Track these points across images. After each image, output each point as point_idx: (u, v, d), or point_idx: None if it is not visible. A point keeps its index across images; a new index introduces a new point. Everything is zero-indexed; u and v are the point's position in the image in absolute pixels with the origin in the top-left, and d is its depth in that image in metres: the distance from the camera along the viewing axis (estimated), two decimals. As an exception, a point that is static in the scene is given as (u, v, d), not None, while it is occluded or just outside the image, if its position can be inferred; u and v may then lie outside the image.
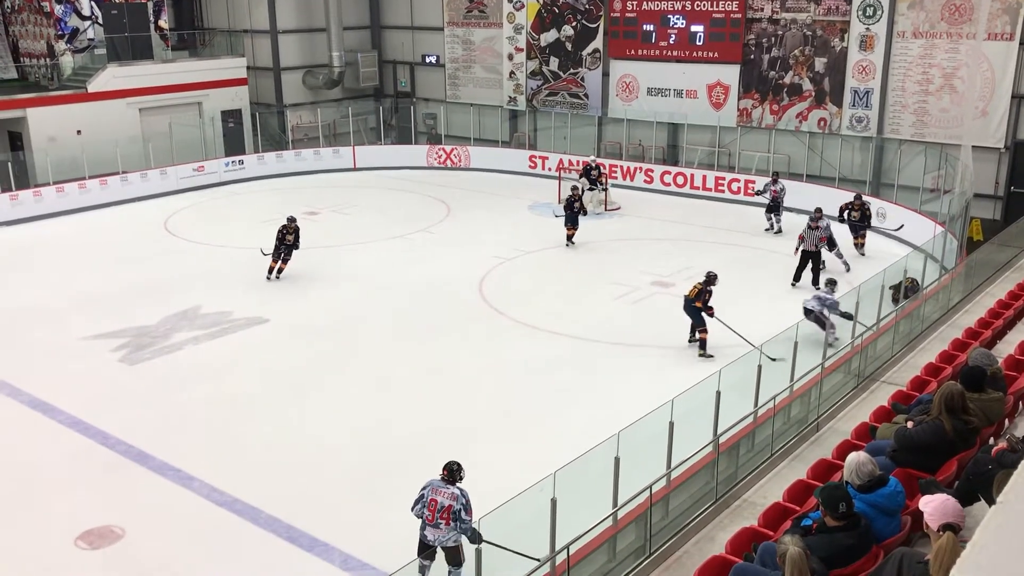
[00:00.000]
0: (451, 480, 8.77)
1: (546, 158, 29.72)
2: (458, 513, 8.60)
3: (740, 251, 21.39)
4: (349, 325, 16.96)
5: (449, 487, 8.72)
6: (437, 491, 8.74)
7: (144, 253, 21.81)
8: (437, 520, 8.68)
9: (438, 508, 8.66)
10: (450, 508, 8.62)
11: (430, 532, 8.77)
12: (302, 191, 28.19)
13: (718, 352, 14.72)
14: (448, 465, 8.85)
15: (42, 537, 10.46)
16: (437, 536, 8.74)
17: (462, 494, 8.69)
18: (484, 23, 32.10)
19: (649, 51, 28.39)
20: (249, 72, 32.49)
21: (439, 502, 8.67)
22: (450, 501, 8.64)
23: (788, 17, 25.53)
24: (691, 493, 9.34)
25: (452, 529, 8.66)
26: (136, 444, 12.44)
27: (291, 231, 19.30)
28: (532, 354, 15.59)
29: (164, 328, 16.77)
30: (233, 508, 10.95)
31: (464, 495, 8.69)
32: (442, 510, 8.64)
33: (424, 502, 8.77)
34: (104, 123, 28.02)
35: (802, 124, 25.91)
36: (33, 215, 24.63)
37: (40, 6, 29.33)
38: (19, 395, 14.08)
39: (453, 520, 8.62)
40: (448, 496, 8.66)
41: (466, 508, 8.63)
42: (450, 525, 8.65)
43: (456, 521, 8.61)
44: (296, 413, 13.45)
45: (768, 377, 10.57)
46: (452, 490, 8.69)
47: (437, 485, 8.78)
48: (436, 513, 8.67)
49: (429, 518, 8.73)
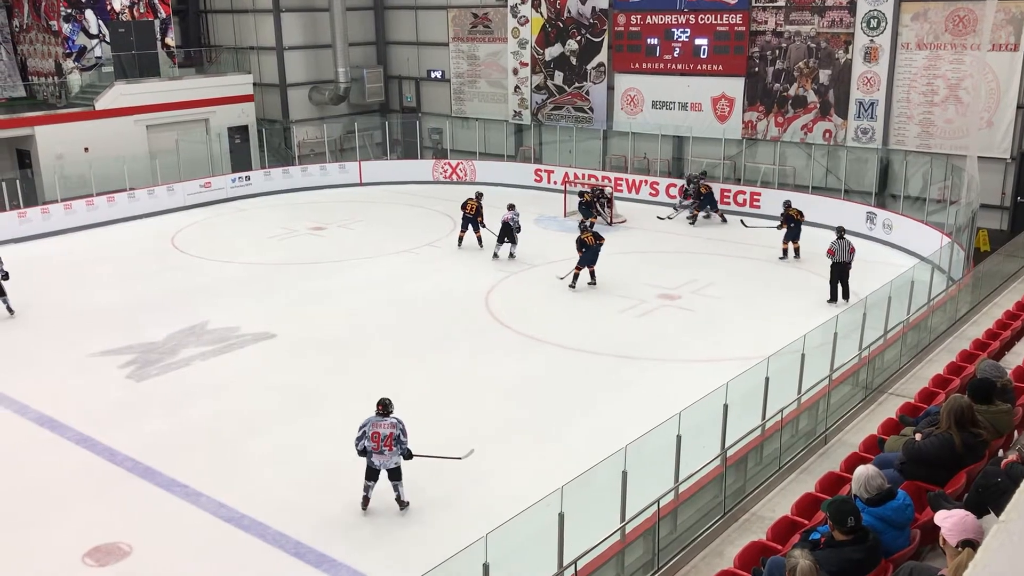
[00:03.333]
0: (386, 413, 10.59)
1: (551, 172, 29.77)
2: (398, 437, 10.50)
3: (746, 263, 21.37)
4: (356, 339, 16.97)
5: (387, 419, 10.56)
6: (378, 424, 10.52)
7: (151, 269, 21.89)
8: (382, 447, 10.51)
9: (382, 438, 10.48)
10: (391, 435, 10.49)
11: (377, 459, 10.60)
12: (309, 206, 28.28)
13: (724, 365, 14.66)
14: (381, 401, 10.67)
15: (50, 554, 10.46)
16: (382, 461, 10.61)
17: (399, 422, 10.61)
18: (489, 38, 32.24)
19: (654, 64, 28.46)
20: (255, 88, 32.67)
21: (381, 433, 10.50)
22: (391, 430, 10.52)
23: (792, 30, 25.58)
24: (699, 507, 9.30)
25: (395, 453, 10.58)
26: (143, 460, 12.45)
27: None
28: (538, 367, 15.58)
29: (171, 344, 16.80)
30: (240, 524, 10.94)
31: (400, 423, 10.63)
32: (385, 438, 10.48)
33: (367, 436, 10.52)
34: (111, 140, 28.17)
35: (807, 136, 25.92)
36: (41, 232, 24.75)
37: (48, 25, 29.56)
38: (27, 412, 14.12)
39: (395, 444, 10.52)
40: (388, 426, 10.52)
41: (403, 432, 10.60)
42: (393, 450, 10.55)
43: (397, 444, 10.51)
44: (303, 428, 13.45)
45: (776, 390, 10.54)
46: (390, 420, 10.56)
47: (376, 420, 10.58)
48: (381, 442, 10.49)
49: (374, 447, 10.51)
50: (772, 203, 25.37)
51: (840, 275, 18.20)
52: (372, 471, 10.70)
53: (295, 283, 20.50)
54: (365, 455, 10.64)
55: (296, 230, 25.33)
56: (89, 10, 29.75)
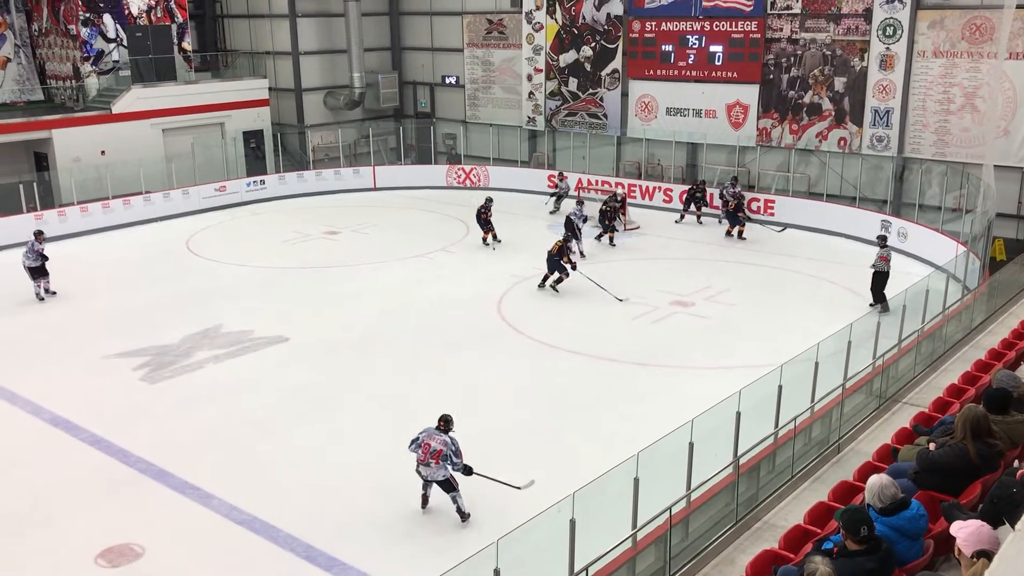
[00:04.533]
0: (444, 430, 10.64)
1: (565, 177, 29.74)
2: (448, 456, 10.49)
3: (759, 270, 21.32)
4: (368, 343, 17.00)
5: (441, 435, 10.58)
6: (431, 437, 10.56)
7: (166, 272, 22.00)
8: (428, 460, 10.53)
9: (431, 451, 10.49)
10: (440, 452, 10.49)
11: (423, 470, 10.64)
12: (323, 211, 28.37)
13: (738, 373, 14.62)
14: (443, 417, 10.73)
15: (63, 555, 10.51)
16: (428, 473, 10.65)
17: (452, 441, 10.60)
18: (503, 44, 32.30)
19: (668, 71, 28.44)
20: (271, 93, 32.83)
21: (432, 446, 10.51)
22: (440, 446, 10.50)
23: (807, 37, 25.52)
24: (711, 515, 9.28)
25: (440, 468, 10.53)
26: (156, 462, 12.50)
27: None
28: (551, 373, 15.57)
29: (185, 347, 16.88)
30: (252, 527, 10.97)
31: (454, 442, 10.61)
32: (434, 453, 10.48)
33: (419, 443, 10.59)
34: (128, 144, 28.36)
35: (822, 144, 25.84)
36: (57, 235, 24.85)
37: (67, 29, 29.80)
38: (41, 412, 14.20)
39: (442, 460, 10.49)
40: (439, 442, 10.51)
41: (456, 453, 10.55)
42: (439, 464, 10.51)
43: (444, 461, 10.50)
44: (316, 431, 13.47)
45: (789, 398, 10.50)
46: (443, 438, 10.56)
47: (432, 432, 10.63)
48: (428, 454, 10.51)
49: (421, 458, 10.57)
50: (786, 210, 25.39)
51: (885, 283, 18.10)
52: (428, 485, 10.94)
53: (308, 287, 20.56)
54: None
55: (310, 234, 25.42)
56: (107, 14, 29.97)
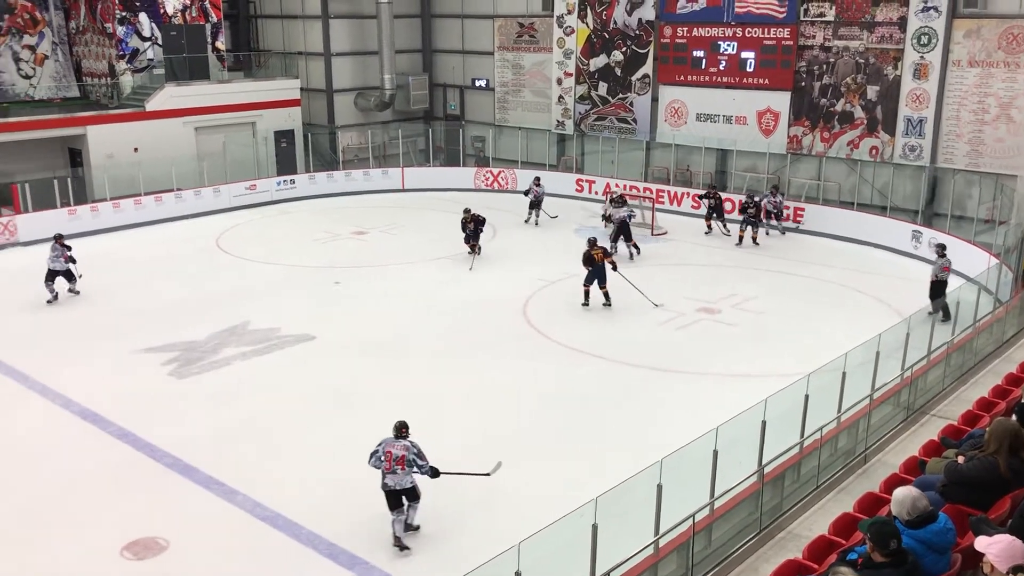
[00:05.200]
0: (401, 436, 10.52)
1: (593, 182, 29.78)
2: (412, 460, 10.41)
3: (787, 278, 21.18)
4: (394, 344, 17.06)
5: (400, 441, 10.49)
6: (392, 445, 10.46)
7: (196, 269, 22.22)
8: (394, 468, 10.41)
9: (394, 458, 10.39)
10: (404, 457, 10.38)
11: (390, 479, 10.46)
12: (351, 211, 28.53)
13: (764, 381, 14.52)
14: (398, 424, 10.60)
15: (90, 546, 10.64)
16: (396, 481, 10.45)
17: (413, 445, 10.51)
18: (534, 48, 32.32)
19: (699, 77, 28.34)
20: (302, 93, 33.04)
21: (394, 453, 10.41)
22: (403, 451, 10.42)
23: (840, 45, 25.33)
24: (734, 523, 9.22)
25: (407, 474, 10.44)
26: (182, 457, 12.62)
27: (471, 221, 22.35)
28: (575, 377, 15.55)
29: (213, 343, 17.03)
30: (275, 523, 11.05)
31: (415, 445, 10.53)
32: (398, 459, 10.38)
33: (380, 456, 10.46)
34: (161, 141, 28.66)
35: (853, 152, 25.63)
36: (90, 230, 25.22)
37: (103, 27, 30.17)
38: (71, 405, 14.38)
39: (407, 466, 10.40)
40: (401, 448, 10.43)
41: (419, 455, 10.49)
42: (405, 470, 10.42)
43: (409, 466, 10.42)
44: (339, 429, 13.54)
45: (815, 407, 10.42)
46: (403, 443, 10.48)
47: (390, 441, 10.51)
48: (393, 462, 10.39)
49: (387, 467, 10.41)
50: (816, 219, 25.20)
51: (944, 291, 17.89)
52: (395, 500, 10.50)
53: (336, 286, 20.67)
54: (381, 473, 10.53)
55: (338, 234, 25.56)
56: (143, 13, 30.31)
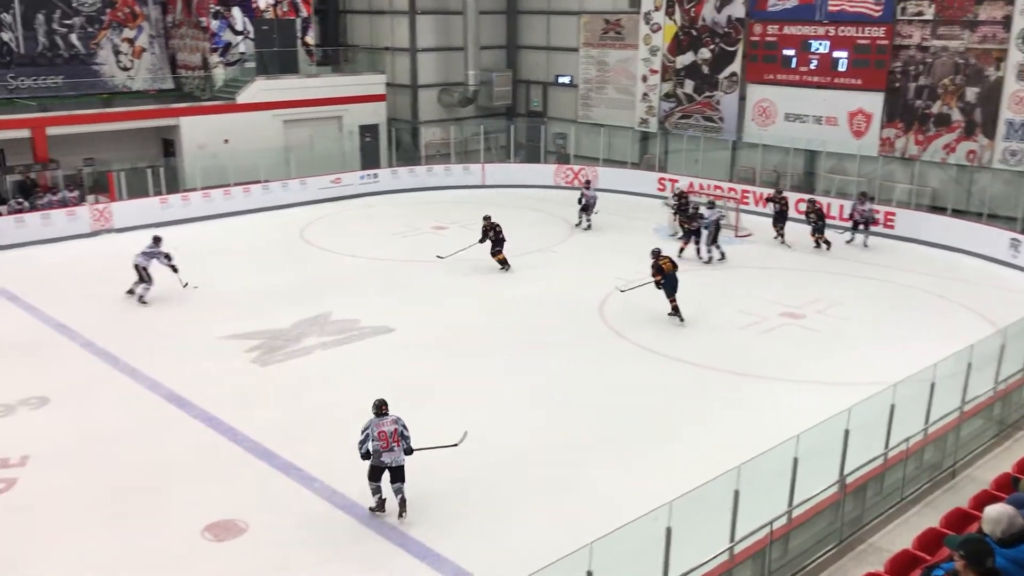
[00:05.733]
0: (385, 413, 10.85)
1: (676, 181, 29.33)
2: (402, 434, 10.81)
3: (876, 284, 20.58)
4: (469, 339, 17.15)
5: (387, 417, 10.83)
6: (381, 424, 10.78)
7: (281, 259, 22.70)
8: (391, 444, 10.76)
9: (388, 435, 10.74)
10: (396, 431, 10.78)
11: (387, 456, 10.79)
12: (432, 206, 28.78)
13: (847, 389, 14.14)
14: (377, 402, 10.91)
15: (172, 526, 10.95)
16: (393, 458, 10.80)
17: (398, 419, 10.89)
18: (620, 44, 32.10)
19: (789, 76, 27.75)
20: (388, 88, 33.46)
21: (387, 431, 10.76)
22: (394, 426, 10.79)
23: (939, 44, 24.48)
24: (813, 533, 9.02)
25: (400, 450, 10.81)
26: (263, 442, 12.90)
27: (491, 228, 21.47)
28: (652, 378, 15.39)
29: (295, 332, 17.37)
30: (352, 512, 11.20)
31: (400, 419, 10.92)
32: (392, 435, 10.75)
33: (373, 436, 10.74)
34: (250, 133, 29.38)
35: (949, 156, 24.76)
36: (180, 218, 25.98)
37: (198, 21, 31.07)
38: (158, 388, 14.84)
39: (401, 439, 10.80)
40: (391, 424, 10.79)
41: (405, 427, 10.90)
42: (400, 445, 10.80)
43: (402, 439, 10.80)
44: (415, 420, 13.58)
45: (901, 418, 10.10)
46: (390, 418, 10.82)
47: (377, 421, 10.80)
48: (389, 439, 10.74)
49: (384, 445, 10.73)
50: (907, 224, 24.44)
51: None
52: (376, 471, 10.88)
53: (415, 280, 20.89)
54: (370, 457, 10.82)
55: (419, 228, 25.81)
56: (236, 7, 31.11)
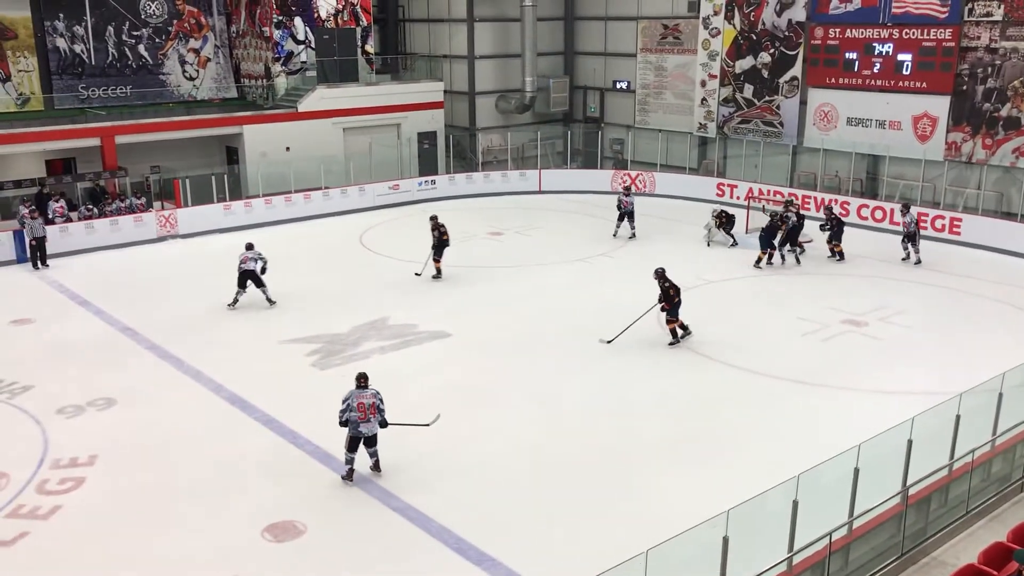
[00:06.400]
0: (365, 386, 11.93)
1: (735, 186, 29.11)
2: (378, 405, 11.94)
3: (941, 292, 20.12)
4: (526, 344, 17.17)
5: (366, 390, 11.92)
6: (360, 396, 11.89)
7: (340, 265, 23.02)
8: (368, 416, 11.86)
9: (366, 407, 11.84)
10: (373, 404, 11.90)
11: (364, 427, 11.90)
12: (489, 211, 28.90)
13: (910, 399, 13.84)
14: (359, 376, 12.02)
15: (233, 526, 11.16)
16: (369, 428, 11.94)
17: (376, 392, 12.01)
18: (678, 50, 31.91)
19: (851, 80, 27.30)
20: (445, 96, 33.73)
21: (365, 403, 11.85)
22: (372, 399, 11.91)
23: (1008, 46, 23.86)
24: (874, 545, 8.85)
25: (375, 420, 11.96)
26: (322, 445, 13.08)
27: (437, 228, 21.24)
28: (709, 386, 15.24)
29: (354, 336, 17.59)
30: (407, 515, 11.30)
31: (378, 393, 12.03)
32: (370, 407, 11.87)
33: (352, 407, 11.85)
34: (310, 141, 29.84)
35: (1018, 160, 24.11)
36: (243, 224, 26.50)
37: (261, 31, 31.69)
38: (221, 391, 15.15)
39: (377, 412, 11.95)
40: (369, 396, 11.91)
41: (381, 401, 12.03)
42: (376, 416, 11.94)
43: (378, 412, 11.95)
44: (472, 426, 13.74)
45: (967, 429, 9.86)
46: (369, 391, 11.94)
47: (357, 392, 11.91)
48: (367, 411, 11.84)
49: (361, 416, 11.83)
50: (974, 230, 23.87)
51: None
52: (354, 442, 11.96)
53: (472, 285, 21.00)
54: (348, 425, 11.94)
55: (475, 234, 25.94)
56: (298, 17, 31.66)
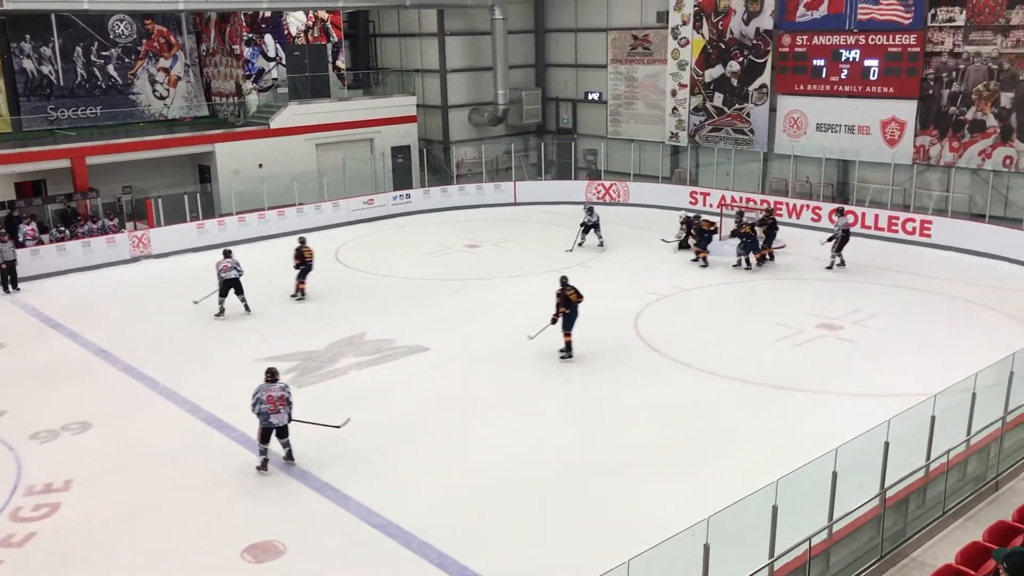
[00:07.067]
0: (274, 380, 12.71)
1: (708, 194, 29.30)
2: (287, 398, 12.67)
3: (914, 294, 20.33)
4: (504, 355, 17.16)
5: (276, 384, 12.68)
6: (269, 389, 12.61)
7: (315, 281, 22.84)
8: (278, 407, 12.57)
9: (276, 399, 12.56)
10: (282, 397, 12.63)
11: (274, 418, 12.59)
12: (465, 224, 28.91)
13: (886, 401, 13.96)
14: (269, 370, 12.86)
15: (212, 548, 11.04)
16: (279, 419, 12.62)
17: (286, 386, 12.84)
18: (648, 60, 32.13)
19: (819, 86, 27.60)
20: (418, 110, 33.76)
21: (274, 395, 12.58)
22: (281, 392, 12.65)
23: (971, 50, 24.23)
24: (853, 548, 8.90)
25: (284, 412, 12.63)
26: (299, 463, 12.98)
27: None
28: (686, 393, 15.29)
29: (331, 353, 17.50)
30: (388, 531, 11.23)
31: (287, 387, 12.86)
32: (279, 399, 12.59)
33: (262, 400, 12.53)
34: (284, 157, 29.78)
35: (985, 162, 24.45)
36: (216, 242, 26.30)
37: (231, 49, 31.58)
38: (198, 411, 15.01)
39: (286, 405, 12.63)
40: (278, 390, 12.64)
41: (290, 394, 12.79)
42: (286, 408, 12.63)
43: (287, 405, 12.64)
44: (451, 441, 13.70)
45: (942, 430, 9.95)
46: (278, 385, 12.70)
47: (266, 386, 12.63)
48: (276, 403, 12.55)
49: (271, 408, 12.52)
50: (943, 232, 24.15)
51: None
52: (266, 434, 12.64)
53: (449, 298, 20.98)
54: (261, 416, 12.56)
55: (452, 247, 25.94)
56: (268, 35, 31.61)
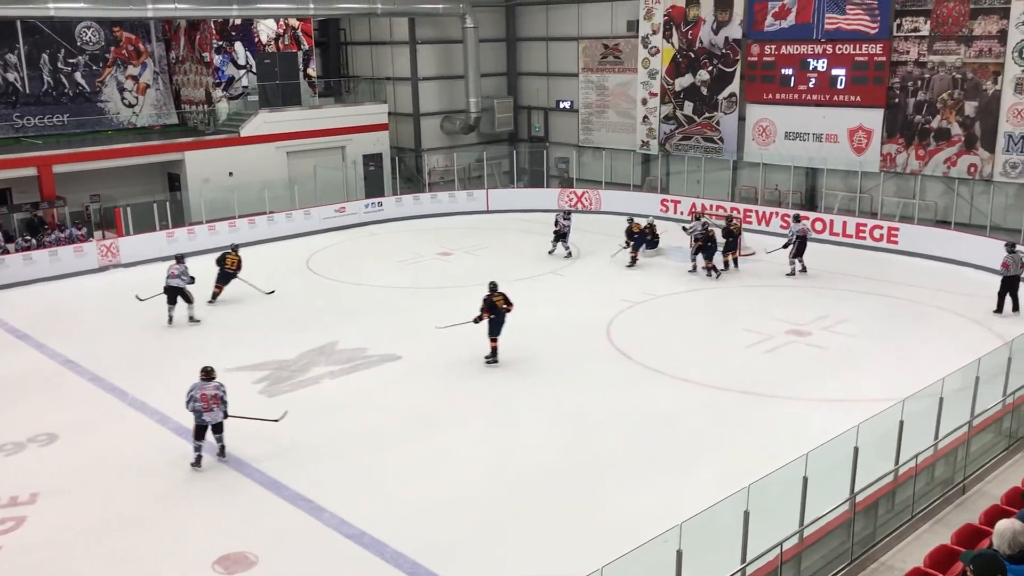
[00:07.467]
0: (209, 379, 12.94)
1: (678, 202, 29.48)
2: (221, 398, 12.88)
3: (882, 300, 20.56)
4: (477, 365, 17.15)
5: (211, 383, 12.90)
6: (203, 388, 12.86)
7: (287, 289, 22.74)
8: (211, 406, 12.82)
9: (209, 398, 12.80)
10: (216, 396, 12.85)
11: (207, 416, 12.86)
12: (437, 232, 28.88)
13: (856, 406, 14.10)
14: (204, 368, 13.07)
15: (182, 560, 10.92)
16: (212, 417, 12.88)
17: (220, 385, 12.99)
18: (619, 68, 32.31)
19: (788, 95, 27.89)
20: (390, 118, 33.70)
21: (208, 394, 12.82)
22: (215, 391, 12.86)
23: (936, 60, 24.61)
24: (824, 553, 8.97)
25: (219, 410, 12.90)
26: (271, 473, 12.89)
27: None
28: (659, 400, 15.36)
29: (302, 362, 17.39)
30: (360, 541, 11.17)
31: (222, 386, 13.00)
32: (213, 398, 12.83)
33: (196, 398, 12.79)
34: (254, 166, 29.60)
35: (950, 170, 24.82)
36: (186, 251, 25.96)
37: (201, 56, 31.37)
38: (168, 422, 14.84)
39: (220, 403, 12.87)
40: (212, 389, 12.87)
41: (225, 393, 12.96)
42: (219, 407, 12.87)
43: (221, 404, 12.86)
44: (424, 450, 13.65)
45: (910, 434, 10.07)
46: (213, 384, 12.92)
47: (201, 384, 12.89)
48: (209, 401, 12.80)
49: (205, 407, 12.78)
50: (910, 238, 24.45)
51: (1011, 288, 18.96)
52: (200, 431, 12.91)
53: (421, 306, 20.93)
54: (196, 414, 12.81)
55: (424, 255, 25.90)
56: (238, 42, 31.43)
